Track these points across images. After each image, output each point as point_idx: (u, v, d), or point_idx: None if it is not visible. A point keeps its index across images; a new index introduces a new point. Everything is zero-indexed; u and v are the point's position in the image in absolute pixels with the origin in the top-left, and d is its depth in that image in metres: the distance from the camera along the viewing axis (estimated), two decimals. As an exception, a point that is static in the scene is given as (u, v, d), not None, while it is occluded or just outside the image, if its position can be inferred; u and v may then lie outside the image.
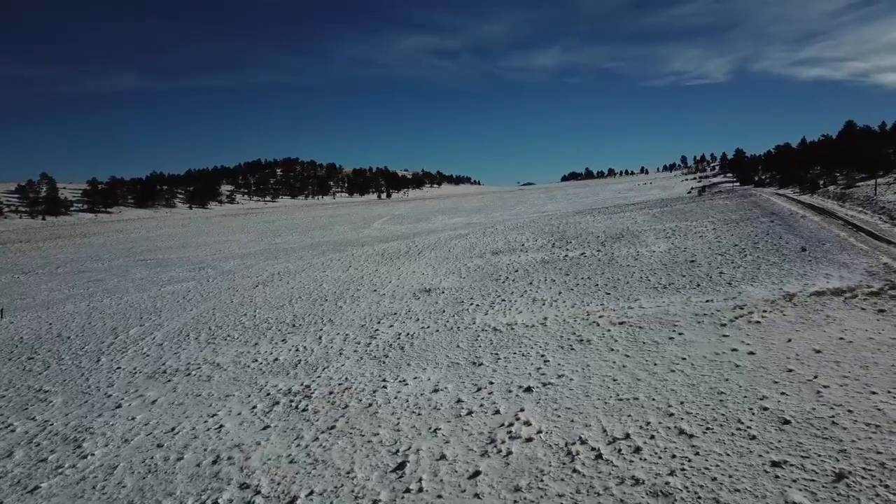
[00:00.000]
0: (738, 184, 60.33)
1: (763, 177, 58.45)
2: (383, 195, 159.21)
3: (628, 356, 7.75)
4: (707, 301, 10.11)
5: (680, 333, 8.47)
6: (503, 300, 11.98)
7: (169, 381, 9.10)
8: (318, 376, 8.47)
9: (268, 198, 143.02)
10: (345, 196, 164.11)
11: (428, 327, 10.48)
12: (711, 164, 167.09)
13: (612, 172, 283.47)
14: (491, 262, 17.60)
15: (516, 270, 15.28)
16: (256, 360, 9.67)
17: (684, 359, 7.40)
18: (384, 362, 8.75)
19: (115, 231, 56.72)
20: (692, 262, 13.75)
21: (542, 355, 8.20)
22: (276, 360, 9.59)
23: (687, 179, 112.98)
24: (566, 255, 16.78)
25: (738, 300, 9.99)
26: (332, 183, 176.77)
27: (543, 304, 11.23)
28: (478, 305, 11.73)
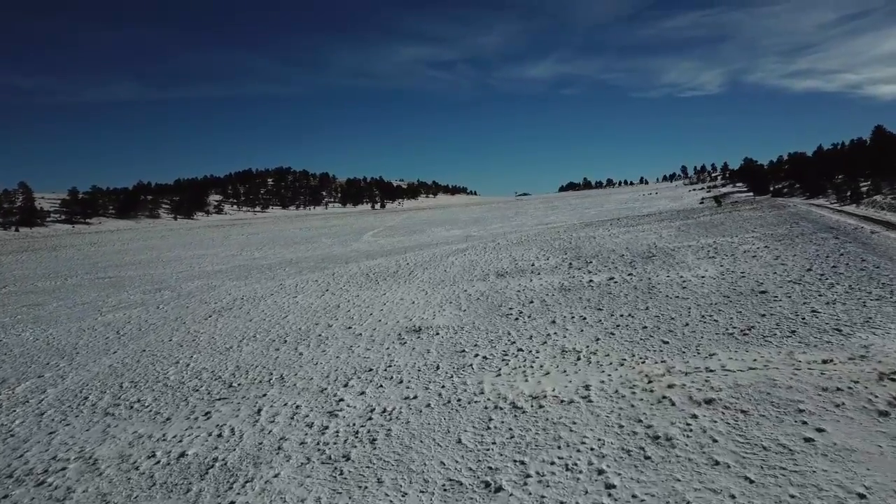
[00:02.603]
0: (751, 194, 57.55)
1: (779, 186, 55.66)
2: (377, 205, 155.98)
3: (752, 481, 4.53)
4: (824, 362, 6.90)
5: (818, 429, 5.26)
6: (520, 350, 8.73)
7: (4, 496, 5.80)
8: (232, 502, 5.19)
9: (257, 208, 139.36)
10: (338, 206, 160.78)
11: (415, 398, 7.22)
12: (713, 174, 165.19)
13: (610, 183, 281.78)
14: (496, 287, 14.39)
15: (531, 301, 12.05)
16: (153, 456, 6.37)
17: (863, 496, 4.18)
18: (342, 473, 5.48)
19: (88, 244, 53.14)
20: (763, 293, 10.57)
21: (600, 469, 4.97)
22: (183, 455, 6.29)
23: (695, 189, 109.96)
24: (590, 281, 13.58)
25: (871, 360, 6.79)
26: (324, 193, 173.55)
27: (578, 359, 7.99)
28: (485, 359, 8.48)
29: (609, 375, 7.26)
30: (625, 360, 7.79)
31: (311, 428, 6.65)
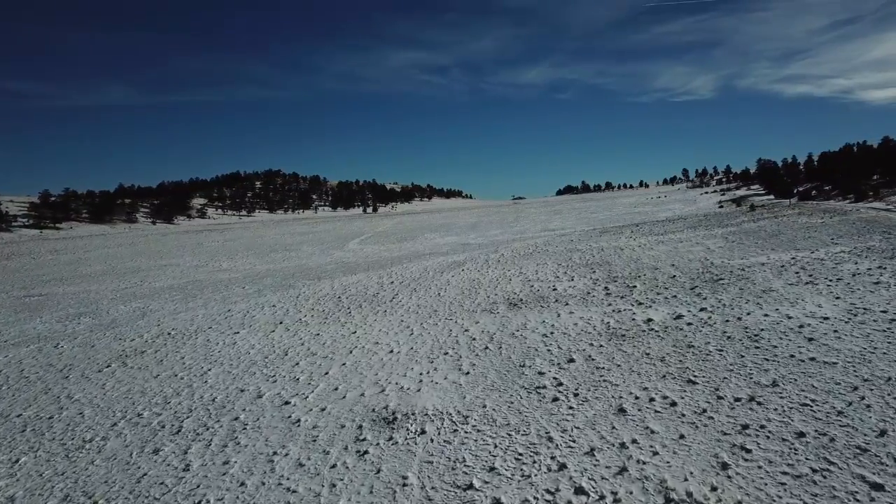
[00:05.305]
0: (770, 196, 53.75)
1: (806, 188, 51.68)
2: (369, 209, 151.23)
3: None
4: None
5: None
6: (579, 490, 4.54)
7: None
8: None
9: (243, 212, 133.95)
10: (328, 210, 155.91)
11: None
12: (715, 177, 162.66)
13: (609, 186, 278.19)
14: (510, 325, 10.20)
15: (569, 359, 7.85)
16: None
17: None
18: None
19: (48, 251, 48.45)
20: (963, 357, 6.44)
21: None
22: None
23: (706, 192, 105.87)
24: (649, 320, 9.41)
25: None
26: (314, 196, 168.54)
27: (715, 536, 3.80)
28: (516, 520, 4.28)
29: None
30: (821, 545, 3.61)
31: None
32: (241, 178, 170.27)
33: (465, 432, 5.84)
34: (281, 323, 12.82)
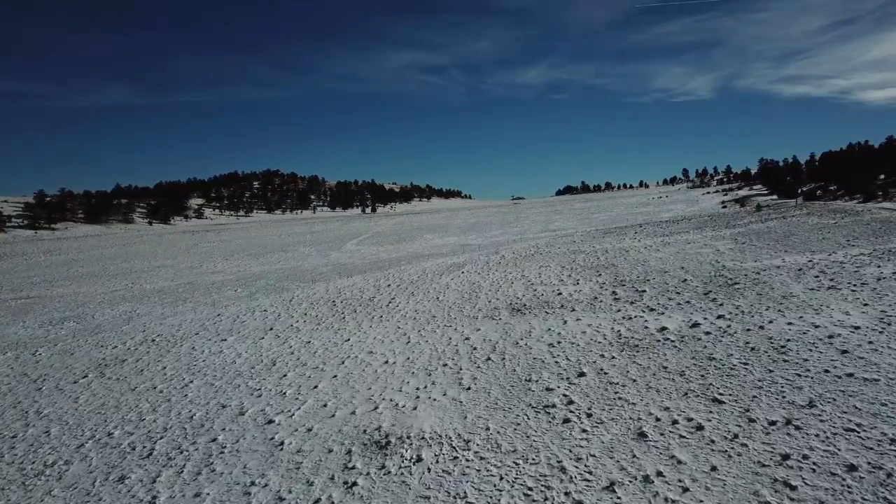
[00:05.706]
0: (774, 196, 53.21)
1: (810, 188, 50.96)
2: (367, 209, 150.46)
3: None
4: None
5: None
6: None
7: None
8: None
9: (241, 212, 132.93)
10: (326, 210, 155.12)
11: None
12: (715, 177, 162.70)
13: (609, 186, 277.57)
14: (513, 332, 9.56)
15: (579, 373, 7.21)
16: None
17: None
18: None
19: (41, 252, 47.73)
20: None
21: None
22: None
23: (708, 192, 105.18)
24: (662, 328, 8.77)
25: None
26: (313, 196, 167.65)
27: None
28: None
29: None
30: None
31: None
32: (239, 178, 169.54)
33: (467, 460, 5.19)
34: (271, 329, 12.17)
